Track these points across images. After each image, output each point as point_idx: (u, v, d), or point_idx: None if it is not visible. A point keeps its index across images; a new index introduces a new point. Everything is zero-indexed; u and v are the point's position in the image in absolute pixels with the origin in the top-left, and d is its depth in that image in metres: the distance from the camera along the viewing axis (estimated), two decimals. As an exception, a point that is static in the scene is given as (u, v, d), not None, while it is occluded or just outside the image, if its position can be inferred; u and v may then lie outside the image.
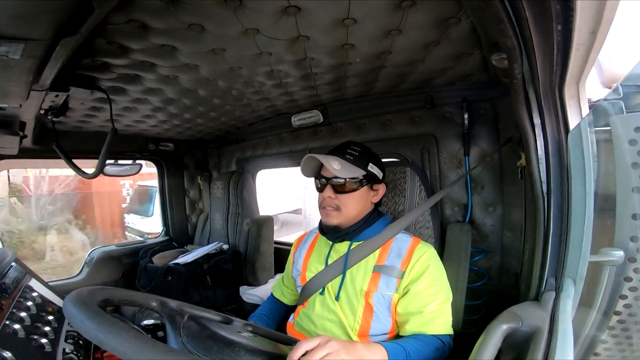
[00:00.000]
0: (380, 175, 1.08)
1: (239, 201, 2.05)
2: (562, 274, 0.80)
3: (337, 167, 0.99)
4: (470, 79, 1.19)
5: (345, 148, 1.06)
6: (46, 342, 0.74)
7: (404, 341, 0.90)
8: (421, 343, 0.89)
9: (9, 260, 1.01)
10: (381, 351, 0.84)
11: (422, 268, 0.97)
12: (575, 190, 0.77)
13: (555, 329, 0.67)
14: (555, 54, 0.66)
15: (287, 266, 1.28)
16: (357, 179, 1.03)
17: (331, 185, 1.03)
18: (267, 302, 1.33)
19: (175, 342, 0.66)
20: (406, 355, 0.85)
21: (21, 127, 1.20)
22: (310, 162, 1.04)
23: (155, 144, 2.16)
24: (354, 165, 1.02)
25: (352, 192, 1.02)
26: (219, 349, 0.67)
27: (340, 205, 1.03)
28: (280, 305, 1.29)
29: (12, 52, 0.60)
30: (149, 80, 1.11)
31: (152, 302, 0.72)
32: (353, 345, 0.82)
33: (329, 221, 1.05)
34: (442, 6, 0.73)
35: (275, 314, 1.26)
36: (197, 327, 0.71)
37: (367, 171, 1.04)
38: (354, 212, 1.04)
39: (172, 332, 0.67)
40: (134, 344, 0.49)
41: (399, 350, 0.86)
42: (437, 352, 0.90)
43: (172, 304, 0.73)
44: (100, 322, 0.51)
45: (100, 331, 0.50)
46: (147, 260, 1.95)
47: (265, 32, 0.82)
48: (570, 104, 0.78)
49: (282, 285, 1.30)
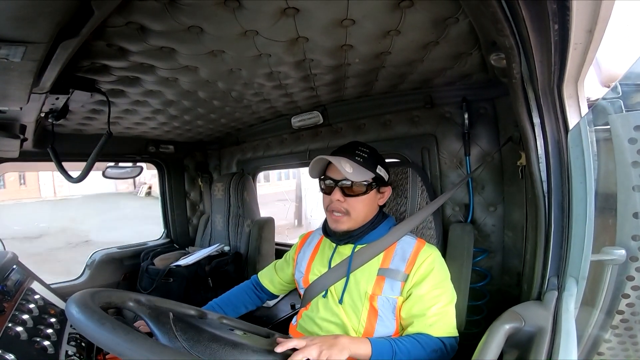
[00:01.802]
0: (386, 177, 1.07)
1: (239, 203, 2.06)
2: (564, 273, 0.79)
3: (349, 170, 0.95)
4: (469, 79, 1.19)
5: (354, 149, 1.03)
6: (49, 344, 0.74)
7: (396, 339, 0.89)
8: (415, 343, 0.88)
9: (11, 263, 1.02)
10: (366, 345, 0.84)
11: (426, 271, 0.96)
12: (575, 189, 0.77)
13: (558, 328, 0.67)
14: (553, 53, 0.66)
15: (285, 258, 1.27)
16: (366, 182, 1.00)
17: (340, 187, 1.00)
18: (244, 288, 1.29)
19: (168, 339, 0.65)
20: (392, 353, 0.84)
21: (22, 130, 1.20)
22: (319, 162, 1.01)
23: (156, 146, 2.17)
24: (363, 167, 1.00)
25: (361, 195, 1.00)
26: (219, 348, 0.68)
27: (349, 209, 1.00)
28: (258, 292, 1.27)
29: (13, 55, 0.60)
30: (149, 82, 1.11)
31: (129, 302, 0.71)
32: (335, 339, 0.82)
33: (337, 227, 1.02)
34: (440, 6, 0.73)
35: (245, 301, 1.25)
36: (193, 329, 0.71)
37: (376, 174, 1.02)
38: (362, 215, 1.02)
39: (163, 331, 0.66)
40: (136, 345, 0.49)
41: (385, 347, 0.85)
42: (434, 354, 0.88)
43: (142, 299, 0.72)
44: (103, 324, 0.51)
45: (103, 333, 0.50)
46: (149, 262, 1.95)
47: (264, 34, 0.82)
48: (570, 103, 0.79)
49: (274, 274, 1.26)
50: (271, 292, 1.27)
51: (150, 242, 2.38)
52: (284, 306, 1.83)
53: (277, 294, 1.28)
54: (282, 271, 1.25)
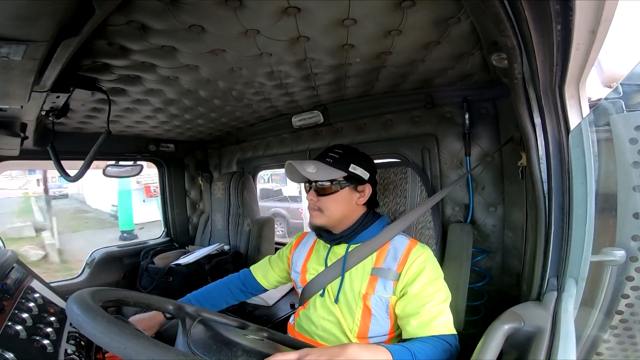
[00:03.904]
0: (365, 175, 1.07)
1: (239, 202, 2.06)
2: (563, 273, 0.80)
3: (311, 171, 1.01)
4: (470, 79, 1.19)
5: (328, 152, 1.08)
6: (48, 343, 0.74)
7: (408, 343, 0.87)
8: (426, 344, 0.86)
9: (11, 261, 1.01)
10: (383, 352, 0.81)
11: (417, 270, 0.96)
12: (576, 190, 0.77)
13: (557, 329, 0.67)
14: (555, 54, 0.66)
15: (279, 255, 1.27)
16: (336, 181, 1.04)
17: (314, 188, 1.07)
18: (227, 282, 1.29)
19: (183, 343, 0.69)
20: (412, 355, 0.81)
21: (22, 129, 1.21)
22: (292, 168, 1.05)
23: (156, 144, 2.17)
24: (333, 167, 1.03)
25: (332, 194, 1.04)
26: (217, 348, 0.69)
27: (321, 207, 1.05)
28: (244, 287, 1.27)
29: (14, 53, 0.60)
30: (150, 81, 1.11)
31: (169, 306, 0.77)
32: (342, 350, 0.76)
33: (312, 221, 1.08)
34: (441, 6, 0.73)
35: (227, 296, 1.24)
36: (204, 328, 0.73)
37: (349, 172, 1.04)
38: (337, 213, 1.05)
39: (181, 333, 0.71)
40: (136, 344, 0.49)
41: (403, 352, 0.82)
42: (445, 353, 0.86)
43: (189, 309, 0.77)
44: (104, 323, 0.51)
45: (104, 332, 0.50)
46: (149, 261, 1.96)
47: (265, 33, 0.82)
48: (571, 104, 0.78)
49: (268, 268, 1.26)
50: (262, 287, 1.27)
51: (151, 240, 2.39)
52: (284, 306, 1.83)
53: (268, 288, 1.28)
54: (277, 266, 1.26)
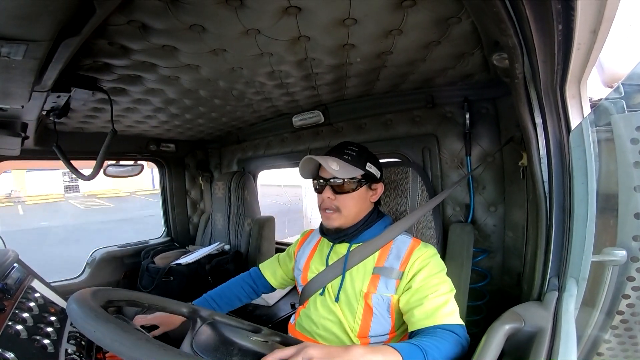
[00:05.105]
0: (378, 174, 1.08)
1: (240, 201, 2.06)
2: (564, 273, 0.79)
3: (335, 168, 0.99)
4: (471, 79, 1.19)
5: (343, 148, 1.06)
6: (48, 342, 0.74)
7: (417, 339, 0.82)
8: (435, 337, 0.81)
9: (12, 261, 1.02)
10: (391, 352, 0.76)
11: (420, 266, 0.96)
12: (577, 190, 0.77)
13: (558, 329, 0.67)
14: (556, 54, 0.66)
15: (288, 252, 1.27)
16: (355, 179, 1.03)
17: (330, 186, 1.04)
18: (239, 281, 1.28)
19: (187, 343, 0.71)
20: (423, 352, 0.77)
21: (23, 128, 1.21)
22: (308, 163, 1.04)
23: (157, 144, 2.17)
24: (352, 165, 1.03)
25: (351, 192, 1.03)
26: (215, 347, 0.70)
27: (339, 206, 1.03)
28: (254, 285, 1.27)
29: (14, 53, 0.60)
30: (150, 80, 1.11)
31: (183, 309, 0.80)
32: (346, 351, 0.72)
33: (329, 224, 1.05)
34: (442, 6, 0.72)
35: (240, 294, 1.24)
36: (209, 329, 0.74)
37: (366, 171, 1.04)
38: (354, 212, 1.04)
39: (189, 333, 0.73)
40: (136, 345, 0.49)
41: (412, 349, 0.77)
42: (457, 346, 0.81)
43: (204, 313, 0.80)
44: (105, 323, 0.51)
45: (106, 333, 0.50)
46: (149, 260, 1.96)
47: (266, 33, 0.82)
48: (572, 104, 0.78)
49: (277, 266, 1.26)
50: (270, 285, 1.27)
51: (151, 240, 2.39)
52: (284, 305, 1.84)
53: (276, 287, 1.28)
54: (285, 265, 1.26)
